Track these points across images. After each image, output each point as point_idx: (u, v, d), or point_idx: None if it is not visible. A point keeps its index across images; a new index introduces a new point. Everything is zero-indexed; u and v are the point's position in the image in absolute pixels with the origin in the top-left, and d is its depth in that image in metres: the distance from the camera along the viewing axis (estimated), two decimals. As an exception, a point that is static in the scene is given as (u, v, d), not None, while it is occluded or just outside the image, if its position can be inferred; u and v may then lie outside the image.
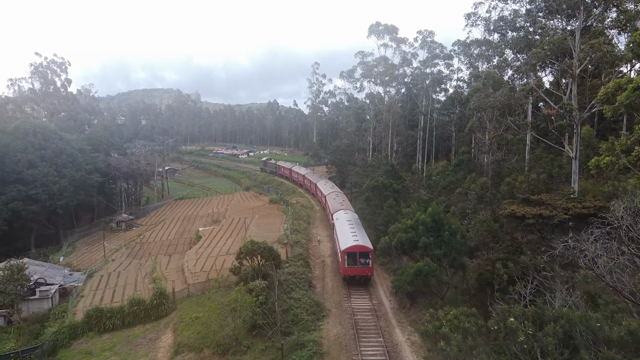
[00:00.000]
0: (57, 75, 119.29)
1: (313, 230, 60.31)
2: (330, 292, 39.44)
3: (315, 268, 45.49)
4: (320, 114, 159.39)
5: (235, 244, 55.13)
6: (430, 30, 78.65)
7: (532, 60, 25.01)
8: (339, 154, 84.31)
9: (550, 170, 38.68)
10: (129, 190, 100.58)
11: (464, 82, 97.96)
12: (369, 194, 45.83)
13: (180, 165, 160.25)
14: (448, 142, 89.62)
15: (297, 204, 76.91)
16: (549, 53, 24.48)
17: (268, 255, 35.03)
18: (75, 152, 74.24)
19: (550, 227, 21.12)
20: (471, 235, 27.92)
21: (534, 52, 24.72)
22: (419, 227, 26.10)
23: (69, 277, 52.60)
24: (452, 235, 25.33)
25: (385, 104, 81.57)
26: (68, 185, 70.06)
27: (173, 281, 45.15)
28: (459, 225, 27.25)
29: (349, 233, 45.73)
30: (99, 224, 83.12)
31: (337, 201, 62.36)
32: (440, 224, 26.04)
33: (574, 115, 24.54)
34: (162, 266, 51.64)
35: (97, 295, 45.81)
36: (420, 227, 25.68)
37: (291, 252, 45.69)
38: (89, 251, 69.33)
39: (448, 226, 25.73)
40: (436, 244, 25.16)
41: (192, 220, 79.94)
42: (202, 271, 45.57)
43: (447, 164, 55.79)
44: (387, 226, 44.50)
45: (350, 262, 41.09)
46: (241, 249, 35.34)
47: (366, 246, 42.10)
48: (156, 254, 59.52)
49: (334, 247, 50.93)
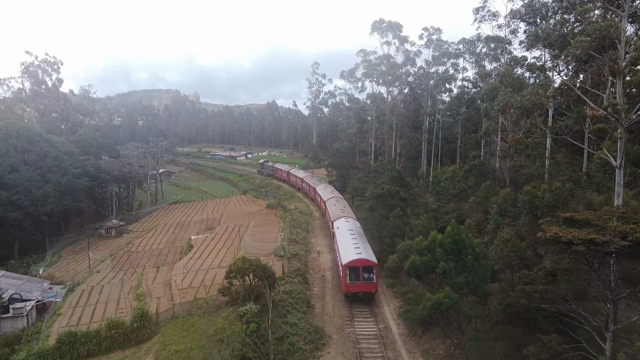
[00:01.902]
0: (49, 74, 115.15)
1: (312, 240, 56.40)
2: (331, 313, 35.50)
3: (315, 284, 41.56)
4: (320, 114, 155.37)
5: (228, 255, 51.23)
6: (437, 27, 74.71)
7: (576, 51, 21.23)
8: (339, 157, 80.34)
9: (578, 177, 34.79)
10: (121, 194, 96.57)
11: (469, 82, 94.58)
12: (374, 203, 41.86)
13: (176, 168, 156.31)
14: (452, 145, 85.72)
15: (295, 209, 73.05)
16: (594, 43, 20.72)
17: (261, 274, 31.11)
18: (61, 156, 70.23)
19: (600, 255, 17.37)
20: (493, 257, 24.01)
21: (577, 42, 20.95)
22: (435, 248, 22.22)
23: (48, 291, 48.60)
24: (476, 259, 21.45)
25: (389, 105, 77.60)
26: (52, 190, 66.06)
27: (159, 298, 41.23)
28: (483, 248, 23.29)
29: (351, 244, 42.01)
30: (87, 230, 79.12)
31: (338, 207, 58.55)
32: (462, 245, 22.18)
33: (621, 116, 20.74)
34: (148, 280, 47.67)
35: (76, 313, 41.88)
36: (437, 249, 21.81)
37: (288, 267, 41.77)
38: (74, 260, 65.33)
39: (471, 249, 21.86)
40: (457, 269, 21.31)
41: (185, 227, 76.03)
42: (191, 287, 41.57)
43: (456, 169, 51.82)
44: (393, 239, 40.63)
45: (352, 278, 37.37)
46: (231, 267, 31.40)
47: (370, 260, 38.34)
48: (144, 265, 55.58)
49: (334, 259, 47.09)
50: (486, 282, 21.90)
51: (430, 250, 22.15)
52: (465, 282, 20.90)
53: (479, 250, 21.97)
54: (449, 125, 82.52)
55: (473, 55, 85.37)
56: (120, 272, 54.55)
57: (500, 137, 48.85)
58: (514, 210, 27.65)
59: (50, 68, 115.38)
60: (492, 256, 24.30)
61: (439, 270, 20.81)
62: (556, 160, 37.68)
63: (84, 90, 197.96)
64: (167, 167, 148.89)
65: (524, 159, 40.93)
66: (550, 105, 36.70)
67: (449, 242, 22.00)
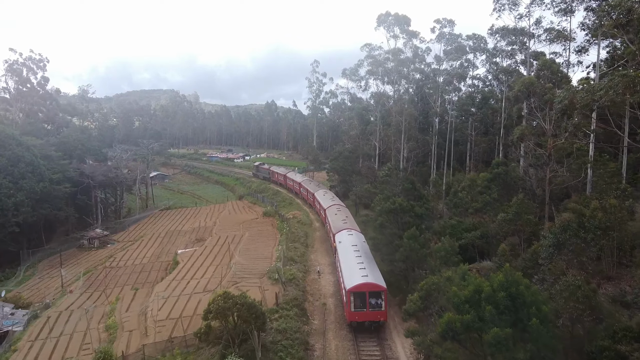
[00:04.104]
0: (34, 73, 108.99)
1: (312, 256, 50.16)
2: (334, 357, 29.24)
3: (314, 315, 35.30)
4: (320, 114, 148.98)
5: (215, 275, 45.06)
6: (449, 19, 68.54)
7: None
8: (341, 161, 74.05)
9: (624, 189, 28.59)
10: (108, 200, 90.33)
11: (480, 80, 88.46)
12: (384, 220, 35.58)
13: (172, 170, 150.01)
14: (461, 148, 79.60)
15: (293, 219, 66.76)
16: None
17: (247, 315, 24.94)
18: (36, 160, 64.00)
19: None
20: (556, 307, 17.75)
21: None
22: (481, 302, 16.05)
23: (8, 317, 42.52)
24: (542, 322, 15.17)
25: (397, 105, 71.24)
26: (26, 199, 59.83)
27: (131, 332, 35.04)
28: (551, 305, 16.85)
29: (355, 265, 36.02)
30: (70, 240, 72.98)
31: (340, 217, 52.46)
32: (521, 302, 15.94)
33: None
34: (123, 306, 41.50)
35: (35, 348, 35.83)
36: (486, 306, 15.66)
37: (283, 295, 35.50)
38: (49, 276, 59.15)
39: (535, 306, 15.60)
40: (515, 336, 15.09)
41: (174, 237, 69.79)
42: (169, 319, 35.31)
43: (474, 177, 45.58)
44: (407, 262, 34.37)
45: (357, 305, 31.81)
46: (210, 306, 25.19)
47: (378, 284, 32.59)
48: (122, 285, 49.44)
49: (337, 280, 40.94)
50: (556, 354, 15.60)
51: (474, 305, 16.04)
52: (529, 358, 14.62)
53: (547, 309, 15.68)
54: (460, 127, 76.39)
55: (483, 52, 79.57)
56: (96, 293, 48.41)
57: (521, 142, 42.89)
58: (577, 243, 21.54)
59: (36, 66, 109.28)
60: (554, 306, 17.95)
61: (490, 340, 14.71)
62: (607, 170, 31.39)
63: (83, 91, 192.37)
64: (161, 170, 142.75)
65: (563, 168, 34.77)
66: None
67: (502, 296, 15.80)
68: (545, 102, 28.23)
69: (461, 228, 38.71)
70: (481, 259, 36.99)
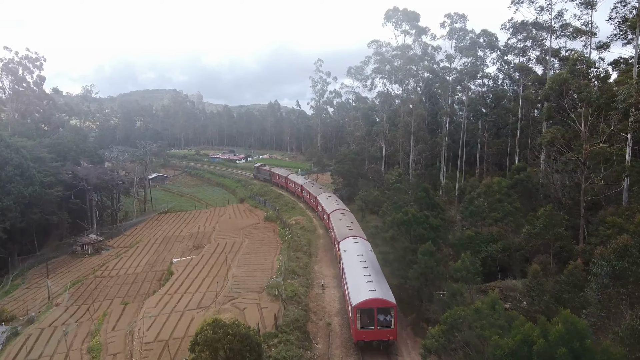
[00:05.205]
0: (30, 72, 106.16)
1: (315, 267, 46.71)
2: (340, 390, 25.81)
3: (318, 338, 31.85)
4: (324, 115, 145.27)
5: (211, 288, 41.65)
6: (461, 14, 64.92)
7: None
8: (346, 164, 70.50)
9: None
10: (104, 204, 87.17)
11: (490, 78, 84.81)
12: (395, 232, 32.06)
13: (172, 172, 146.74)
14: (471, 150, 76.00)
15: (296, 224, 63.34)
16: None
17: (240, 347, 21.51)
18: (26, 162, 60.77)
19: None
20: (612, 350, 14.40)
21: None
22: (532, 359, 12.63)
23: (-13, 335, 39.27)
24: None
25: (405, 104, 67.63)
26: (13, 204, 56.67)
27: (114, 355, 31.73)
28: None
29: (362, 277, 32.85)
30: (60, 247, 69.87)
31: (344, 223, 49.11)
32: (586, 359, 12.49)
33: None
34: (110, 323, 38.16)
35: (11, 371, 32.61)
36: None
37: (283, 315, 32.05)
38: (37, 285, 56.03)
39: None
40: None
41: (171, 244, 66.55)
42: (157, 341, 31.92)
43: (490, 183, 41.94)
44: (420, 279, 30.80)
45: (365, 322, 29.08)
46: (197, 337, 21.80)
47: (387, 300, 29.65)
48: (112, 298, 46.16)
49: (342, 294, 37.55)
50: None
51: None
52: None
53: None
54: (471, 128, 72.76)
55: (494, 49, 76.03)
56: (84, 306, 45.21)
57: (544, 147, 39.28)
58: (638, 272, 18.03)
59: (32, 65, 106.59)
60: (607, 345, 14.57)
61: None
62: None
63: (86, 91, 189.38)
64: (161, 172, 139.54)
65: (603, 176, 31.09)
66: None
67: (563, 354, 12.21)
68: (581, 101, 24.74)
69: (479, 240, 35.14)
70: (503, 274, 33.42)
